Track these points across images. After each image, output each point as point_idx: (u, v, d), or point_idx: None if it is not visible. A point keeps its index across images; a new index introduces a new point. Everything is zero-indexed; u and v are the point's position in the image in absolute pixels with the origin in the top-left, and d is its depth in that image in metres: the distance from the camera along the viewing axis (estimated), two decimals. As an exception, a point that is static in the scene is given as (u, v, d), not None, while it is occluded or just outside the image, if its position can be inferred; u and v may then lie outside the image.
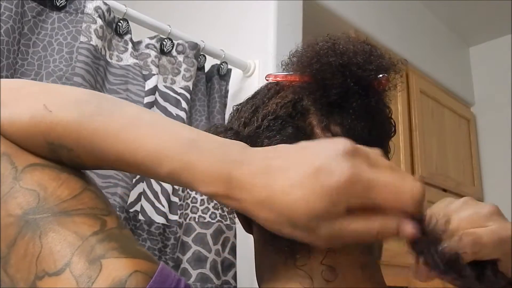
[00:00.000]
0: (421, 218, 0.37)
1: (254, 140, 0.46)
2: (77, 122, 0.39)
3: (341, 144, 0.35)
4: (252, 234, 0.53)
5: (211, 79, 1.26)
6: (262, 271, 0.50)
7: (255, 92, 0.53)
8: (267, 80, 0.52)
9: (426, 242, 0.38)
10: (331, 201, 0.33)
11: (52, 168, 0.41)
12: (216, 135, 0.45)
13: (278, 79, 0.51)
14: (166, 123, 0.40)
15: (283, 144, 0.39)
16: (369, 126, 0.47)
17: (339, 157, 0.34)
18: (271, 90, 0.51)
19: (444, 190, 1.98)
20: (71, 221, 0.38)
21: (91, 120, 0.39)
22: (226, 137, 0.44)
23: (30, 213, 0.38)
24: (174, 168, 0.37)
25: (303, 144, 0.38)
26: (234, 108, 0.53)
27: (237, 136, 0.45)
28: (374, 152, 0.37)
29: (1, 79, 0.44)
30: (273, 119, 0.46)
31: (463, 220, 0.42)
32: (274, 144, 0.44)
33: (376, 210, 0.35)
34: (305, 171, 0.34)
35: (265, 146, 0.45)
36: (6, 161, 0.40)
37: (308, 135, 0.46)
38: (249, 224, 0.52)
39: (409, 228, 0.36)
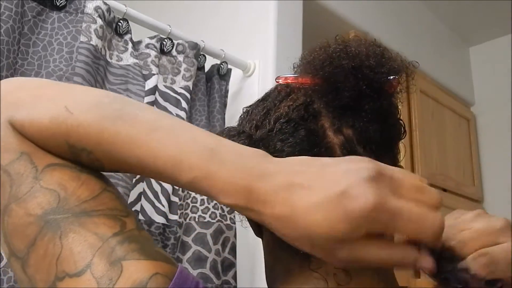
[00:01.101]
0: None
1: (267, 143, 0.46)
2: (99, 125, 0.39)
3: (366, 167, 0.35)
4: (262, 238, 0.53)
5: (211, 79, 1.26)
6: (276, 274, 0.50)
7: (265, 94, 0.53)
8: (277, 82, 0.51)
9: (441, 266, 0.39)
10: (353, 226, 0.33)
11: (72, 168, 0.41)
12: (228, 138, 0.45)
13: (289, 81, 0.51)
14: (186, 128, 0.40)
15: (305, 158, 0.38)
16: (381, 128, 0.47)
17: (364, 181, 0.34)
18: (281, 93, 0.50)
19: (444, 190, 1.98)
20: (91, 222, 0.38)
21: (113, 123, 0.39)
22: (239, 141, 0.45)
23: (50, 213, 0.38)
24: (195, 177, 0.37)
25: (325, 161, 0.37)
26: (244, 110, 0.53)
27: (250, 139, 0.45)
28: (399, 175, 0.36)
29: (19, 78, 0.44)
30: (286, 122, 0.46)
31: (475, 232, 0.42)
32: (288, 147, 0.45)
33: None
34: (329, 193, 0.34)
35: (278, 149, 0.45)
36: (26, 160, 0.40)
37: (321, 138, 0.46)
38: (259, 228, 0.52)
39: (428, 263, 0.36)
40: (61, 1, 0.99)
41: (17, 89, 0.42)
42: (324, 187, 0.34)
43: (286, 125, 0.46)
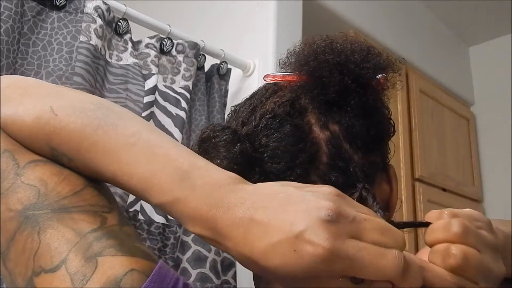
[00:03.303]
0: None
1: (252, 139, 0.46)
2: (79, 132, 0.39)
3: (326, 207, 0.34)
4: None
5: (211, 78, 1.26)
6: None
7: (253, 93, 0.53)
8: (265, 80, 0.52)
9: None
10: (309, 271, 0.33)
11: (54, 164, 0.41)
12: (213, 134, 0.45)
13: (276, 79, 0.51)
14: (163, 146, 0.39)
15: (276, 187, 0.37)
16: (368, 124, 0.47)
17: (320, 224, 0.33)
18: (269, 90, 0.51)
19: (444, 190, 1.98)
20: (70, 217, 0.38)
21: (93, 132, 0.39)
22: (224, 136, 0.45)
23: (30, 209, 0.38)
24: (164, 202, 0.37)
25: (291, 193, 0.36)
26: (232, 109, 0.53)
27: (234, 134, 0.45)
28: (362, 216, 0.35)
29: (11, 76, 0.44)
30: (271, 117, 0.46)
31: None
32: (273, 142, 0.45)
33: None
34: (285, 235, 0.33)
35: (263, 144, 0.45)
36: (8, 157, 0.40)
37: (306, 133, 0.46)
38: None
39: None
40: (61, 1, 0.99)
41: (5, 87, 0.42)
42: (281, 228, 0.34)
43: (272, 120, 0.46)
